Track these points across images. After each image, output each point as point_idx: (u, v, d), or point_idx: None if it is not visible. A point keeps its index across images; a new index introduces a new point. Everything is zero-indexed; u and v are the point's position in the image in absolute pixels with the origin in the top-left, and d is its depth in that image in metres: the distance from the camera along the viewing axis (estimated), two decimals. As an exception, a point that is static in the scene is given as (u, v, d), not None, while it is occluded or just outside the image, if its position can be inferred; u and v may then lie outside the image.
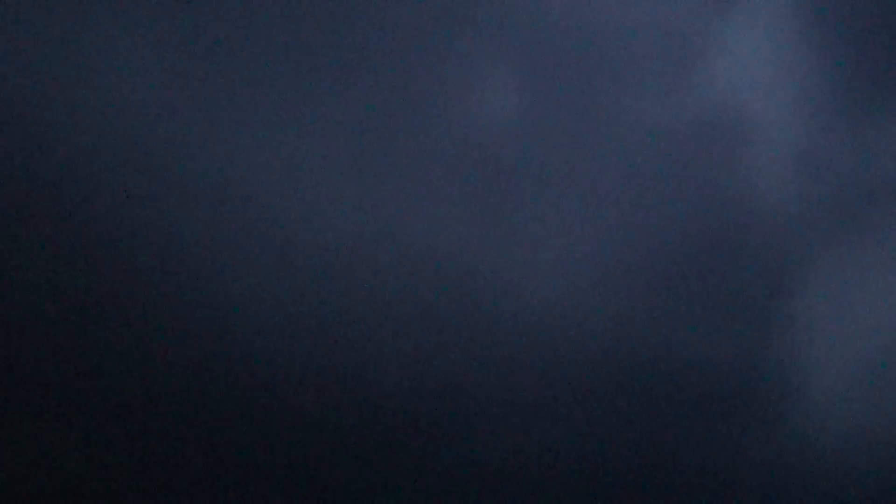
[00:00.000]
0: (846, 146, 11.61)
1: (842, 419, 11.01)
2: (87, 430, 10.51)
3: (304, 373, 11.01)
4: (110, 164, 10.82)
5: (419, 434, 10.87)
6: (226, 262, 11.02)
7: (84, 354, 10.68)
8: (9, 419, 10.40)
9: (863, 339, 11.19)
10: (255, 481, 10.74)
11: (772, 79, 11.80)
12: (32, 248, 10.53)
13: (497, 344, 10.98)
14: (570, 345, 11.02)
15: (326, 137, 11.28)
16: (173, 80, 10.99)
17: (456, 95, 11.43)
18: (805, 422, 11.03)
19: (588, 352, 11.06)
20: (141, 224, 10.84)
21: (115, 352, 10.71)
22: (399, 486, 10.90)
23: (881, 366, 11.09)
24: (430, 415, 10.91)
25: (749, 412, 11.02)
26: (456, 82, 11.43)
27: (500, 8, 11.57)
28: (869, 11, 11.84)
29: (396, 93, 11.39)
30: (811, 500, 10.87)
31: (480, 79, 11.47)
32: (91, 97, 10.79)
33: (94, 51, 10.84)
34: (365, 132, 11.32)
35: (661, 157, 11.50)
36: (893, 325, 11.20)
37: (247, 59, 11.10)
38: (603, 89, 11.60)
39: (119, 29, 10.86)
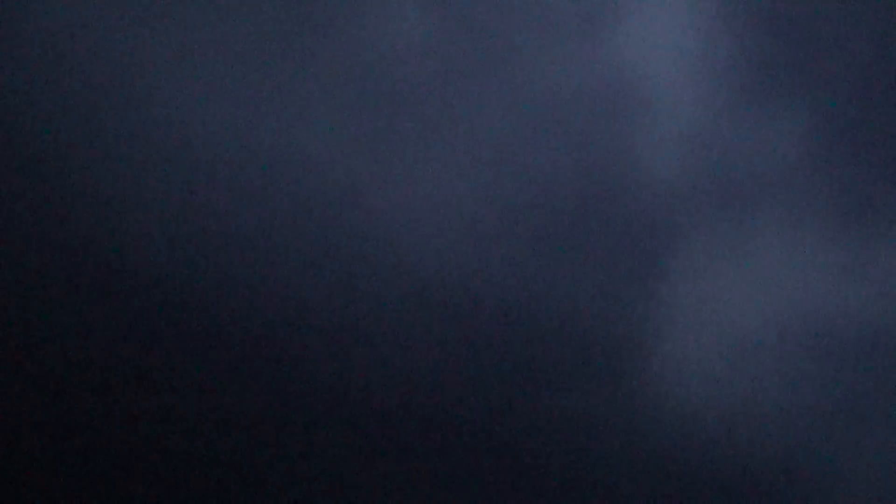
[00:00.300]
0: (742, 133, 11.65)
1: (697, 395, 11.08)
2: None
3: (170, 277, 10.91)
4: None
5: (255, 347, 10.80)
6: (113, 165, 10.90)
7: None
8: None
9: (729, 322, 11.25)
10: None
11: (681, 56, 11.80)
12: None
13: (358, 269, 10.91)
14: (433, 283, 10.97)
15: (216, 44, 11.14)
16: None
17: (360, 17, 11.34)
18: (660, 393, 11.08)
19: (451, 293, 11.01)
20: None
21: None
22: (237, 410, 10.82)
23: (742, 350, 11.19)
24: (275, 330, 10.84)
25: (604, 376, 11.04)
26: (361, 4, 11.34)
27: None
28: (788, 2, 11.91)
29: (295, 6, 11.28)
30: (654, 468, 10.96)
31: (388, 4, 11.38)
32: None
33: None
34: (258, 42, 11.21)
35: (559, 113, 11.47)
36: (760, 312, 11.28)
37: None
38: (510, 38, 11.54)
39: None
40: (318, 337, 10.85)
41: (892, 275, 11.37)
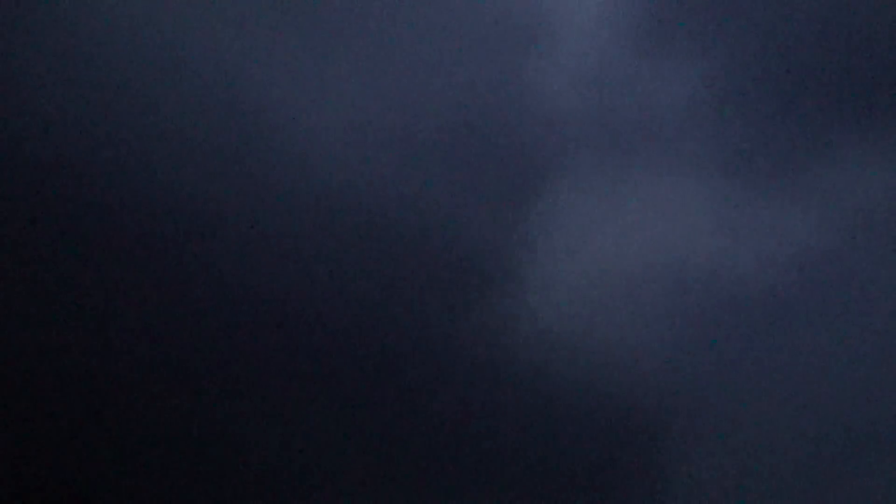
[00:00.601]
0: (636, 77, 11.99)
1: (563, 319, 11.44)
2: None
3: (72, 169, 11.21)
4: None
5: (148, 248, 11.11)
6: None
7: None
8: None
9: (601, 256, 11.65)
10: None
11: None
12: None
13: (252, 169, 11.23)
14: (325, 189, 11.30)
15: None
16: None
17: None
18: (528, 311, 11.46)
19: (342, 201, 11.35)
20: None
21: None
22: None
23: (610, 284, 11.60)
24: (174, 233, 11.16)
25: (478, 292, 11.43)
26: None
27: None
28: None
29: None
30: (518, 384, 11.34)
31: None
32: None
33: None
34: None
35: (458, 37, 11.78)
36: (631, 251, 11.69)
37: None
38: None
39: None
40: (214, 235, 11.21)
41: (762, 229, 11.85)
